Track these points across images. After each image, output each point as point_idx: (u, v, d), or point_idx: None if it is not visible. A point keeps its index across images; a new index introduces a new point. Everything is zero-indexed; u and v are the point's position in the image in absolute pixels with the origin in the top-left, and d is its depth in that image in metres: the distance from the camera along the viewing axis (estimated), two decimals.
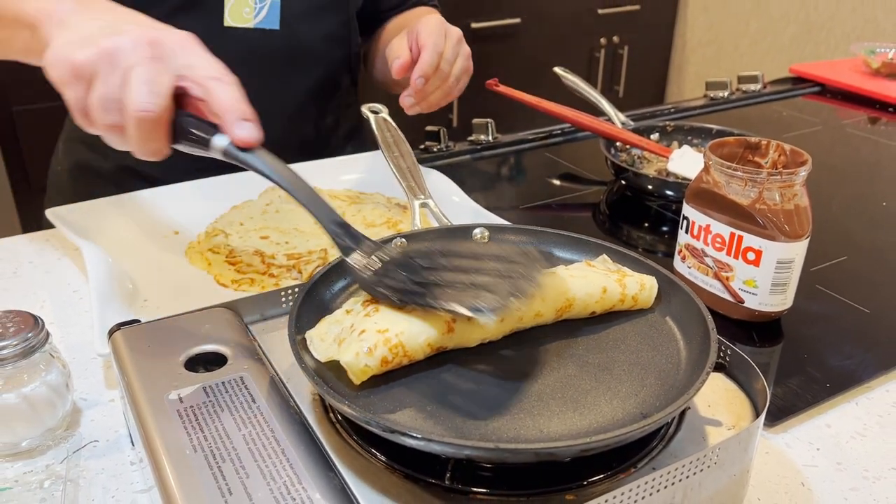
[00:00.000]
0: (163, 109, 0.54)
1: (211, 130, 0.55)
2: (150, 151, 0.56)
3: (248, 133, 0.54)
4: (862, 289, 0.76)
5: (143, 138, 0.54)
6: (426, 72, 0.83)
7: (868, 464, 0.55)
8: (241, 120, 0.54)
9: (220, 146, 0.55)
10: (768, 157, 0.71)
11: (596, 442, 0.40)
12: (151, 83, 0.53)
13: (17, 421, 0.53)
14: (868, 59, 1.43)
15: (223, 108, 0.54)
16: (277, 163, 0.56)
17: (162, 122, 0.54)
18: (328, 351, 0.48)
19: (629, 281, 0.56)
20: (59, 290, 0.75)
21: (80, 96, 0.55)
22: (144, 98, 0.53)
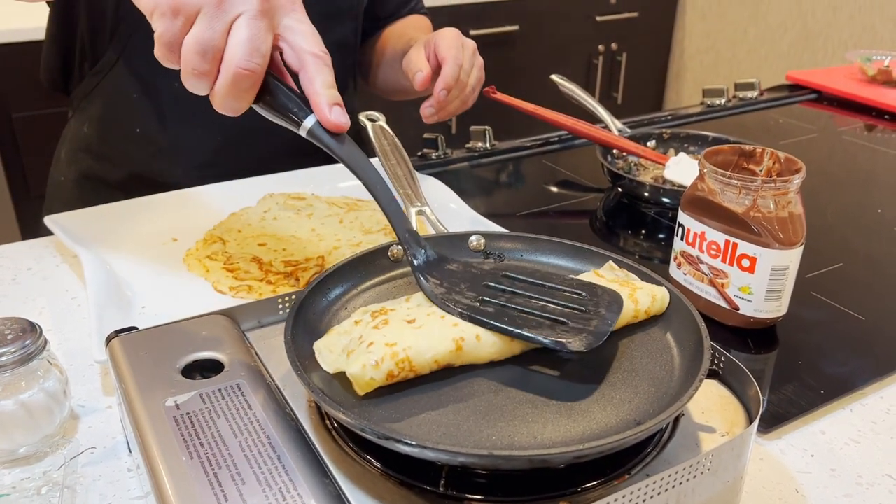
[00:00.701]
0: (263, 69, 0.52)
1: (305, 110, 0.54)
2: (231, 108, 0.54)
3: (338, 118, 0.53)
4: (857, 296, 0.76)
5: (232, 94, 0.52)
6: (449, 84, 0.86)
7: (862, 470, 0.55)
8: (333, 104, 0.53)
9: (308, 126, 0.54)
10: (763, 165, 0.71)
11: (589, 449, 0.40)
12: (257, 40, 0.51)
13: (15, 428, 0.53)
14: (864, 66, 1.44)
15: (317, 89, 0.53)
16: (360, 155, 0.55)
17: (258, 83, 0.53)
18: (336, 362, 0.48)
19: (641, 295, 0.55)
20: (57, 297, 0.75)
21: (175, 31, 0.52)
22: (248, 56, 0.51)
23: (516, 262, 0.63)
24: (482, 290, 0.53)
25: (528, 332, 0.48)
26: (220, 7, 0.51)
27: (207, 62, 0.52)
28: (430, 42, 0.89)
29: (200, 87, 0.53)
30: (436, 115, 0.88)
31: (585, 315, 0.50)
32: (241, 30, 0.51)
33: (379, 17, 1.11)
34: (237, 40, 0.51)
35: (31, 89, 1.81)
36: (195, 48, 0.51)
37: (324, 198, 0.93)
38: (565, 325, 0.49)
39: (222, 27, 0.51)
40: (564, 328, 0.49)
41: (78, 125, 1.02)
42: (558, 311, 0.51)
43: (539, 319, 0.50)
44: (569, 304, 0.52)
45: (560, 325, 0.49)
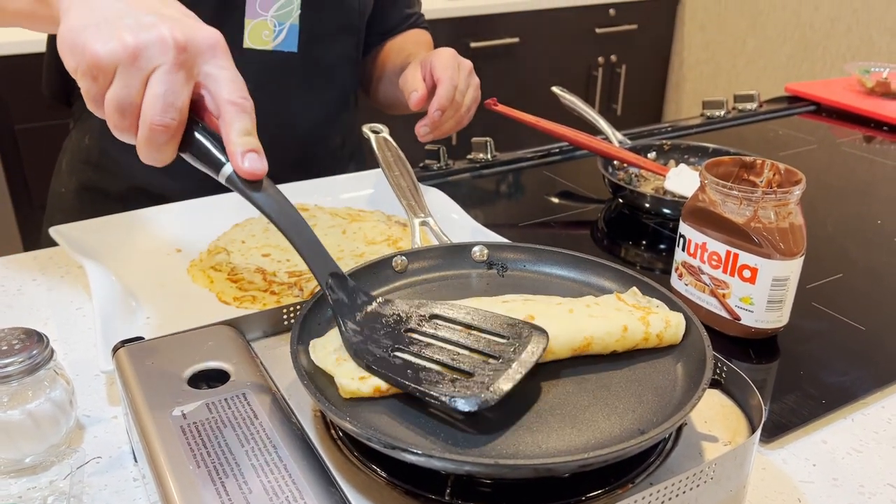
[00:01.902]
0: (179, 123, 0.52)
1: (223, 157, 0.54)
2: (155, 160, 0.54)
3: (252, 166, 0.53)
4: (857, 306, 0.77)
5: (152, 148, 0.53)
6: (443, 104, 0.86)
7: (864, 480, 0.55)
8: (247, 152, 0.53)
9: (226, 173, 0.54)
10: (763, 176, 0.72)
11: (594, 457, 0.40)
12: (171, 95, 0.51)
13: (22, 437, 0.54)
14: (862, 78, 1.45)
15: (232, 137, 0.53)
16: (280, 200, 0.55)
17: (177, 135, 0.53)
18: (325, 360, 0.49)
19: (653, 319, 0.54)
20: (62, 308, 0.76)
21: (97, 89, 0.53)
22: (162, 111, 0.51)
23: (513, 279, 0.62)
24: (400, 336, 0.52)
25: (425, 389, 0.46)
26: (135, 64, 0.51)
27: (126, 118, 0.53)
28: (427, 61, 0.90)
29: (127, 140, 0.54)
30: (430, 134, 0.89)
31: (497, 365, 0.48)
32: (154, 86, 0.51)
33: (380, 31, 1.12)
34: (151, 96, 0.51)
35: (33, 101, 1.82)
36: (113, 105, 0.52)
37: (327, 209, 0.93)
38: (469, 379, 0.47)
39: (138, 84, 0.51)
40: (464, 383, 0.46)
41: (79, 137, 1.03)
42: (468, 362, 0.48)
43: (442, 373, 0.48)
44: (486, 350, 0.49)
45: (462, 380, 0.47)
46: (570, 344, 0.52)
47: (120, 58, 0.51)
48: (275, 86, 0.96)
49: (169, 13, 0.54)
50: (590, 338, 0.52)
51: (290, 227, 0.55)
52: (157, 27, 0.51)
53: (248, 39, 0.93)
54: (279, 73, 0.96)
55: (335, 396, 0.48)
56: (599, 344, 0.52)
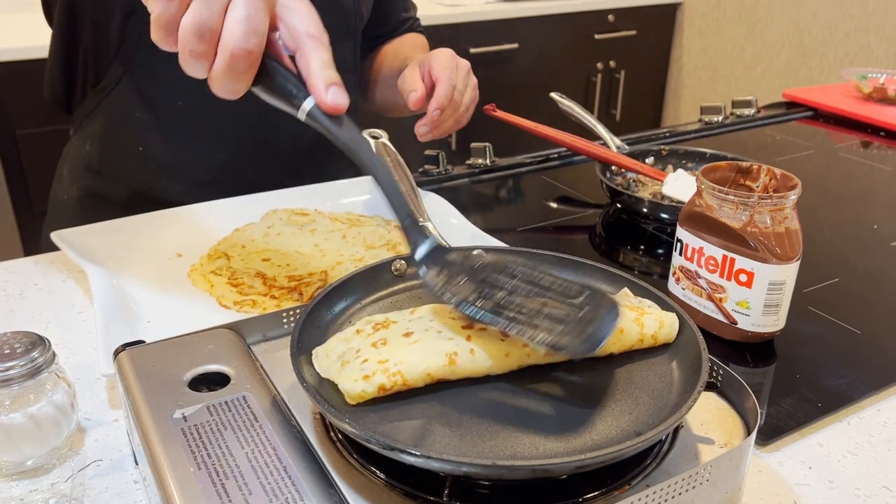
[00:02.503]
0: (260, 49, 0.51)
1: (303, 92, 0.53)
2: (229, 90, 0.53)
3: (335, 99, 0.52)
4: (854, 310, 0.77)
5: (229, 76, 0.52)
6: (442, 104, 0.87)
7: (859, 482, 0.56)
8: (330, 84, 0.52)
9: (307, 109, 0.53)
10: (759, 181, 0.73)
11: (590, 459, 0.41)
12: (254, 20, 0.50)
13: (24, 440, 0.54)
14: (860, 84, 1.46)
15: (313, 69, 0.52)
16: (359, 139, 0.54)
17: (256, 63, 0.52)
18: (330, 369, 0.49)
19: (647, 319, 0.54)
20: (63, 312, 0.76)
21: (172, 12, 0.50)
22: (245, 36, 0.50)
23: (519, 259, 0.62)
24: (480, 284, 0.52)
25: (526, 333, 0.47)
26: None
27: (204, 43, 0.51)
28: (425, 62, 0.91)
29: (198, 70, 0.53)
30: (430, 133, 0.90)
31: (583, 318, 0.48)
32: (237, 10, 0.50)
33: (376, 35, 1.13)
34: (234, 20, 0.50)
35: (35, 107, 1.83)
36: (192, 29, 0.50)
37: (327, 214, 0.94)
38: (562, 328, 0.48)
39: (219, 7, 0.50)
40: (561, 330, 0.47)
41: (80, 143, 1.03)
42: (556, 314, 0.49)
43: (536, 320, 0.48)
44: (567, 303, 0.50)
45: (557, 327, 0.48)
46: None
47: None
48: None
49: None
50: None
51: (371, 165, 0.54)
52: None
53: None
54: None
55: (334, 398, 0.49)
56: None
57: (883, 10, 2.34)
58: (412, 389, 0.50)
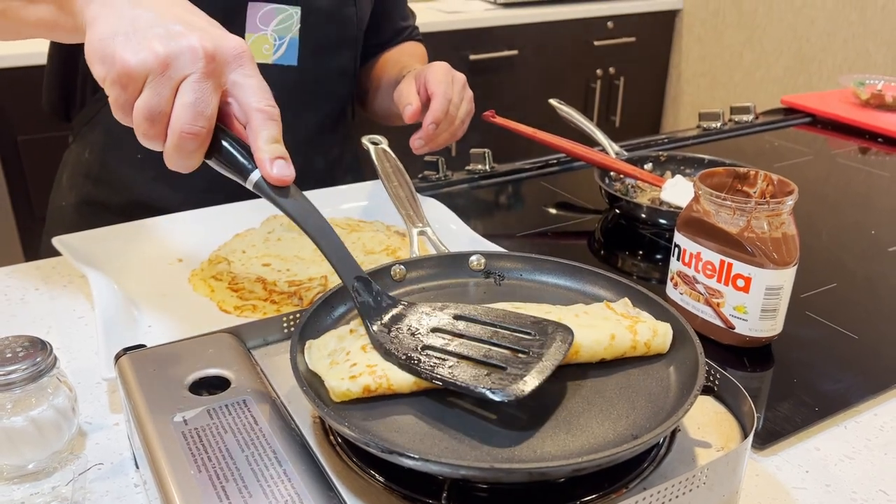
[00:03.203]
0: (207, 131, 0.54)
1: (250, 164, 0.55)
2: (183, 166, 0.55)
3: (280, 172, 0.54)
4: (851, 315, 0.78)
5: (180, 154, 0.54)
6: (437, 118, 0.88)
7: (856, 486, 0.56)
8: (275, 158, 0.54)
9: (253, 179, 0.55)
10: (757, 187, 0.73)
11: (587, 462, 0.41)
12: (200, 104, 0.52)
13: (25, 443, 0.54)
14: (857, 90, 1.46)
15: (260, 144, 0.54)
16: (306, 206, 0.56)
17: (205, 143, 0.54)
18: (318, 364, 0.50)
19: (641, 327, 0.55)
20: (64, 317, 0.77)
21: (126, 98, 0.53)
22: (192, 120, 0.52)
23: (507, 288, 0.63)
24: (428, 335, 0.53)
25: (462, 383, 0.47)
26: (165, 73, 0.52)
27: (155, 126, 0.53)
28: (421, 75, 0.91)
29: (154, 146, 0.55)
30: (425, 146, 0.90)
31: (527, 359, 0.49)
32: (185, 94, 0.52)
33: (375, 44, 1.14)
34: (182, 104, 0.52)
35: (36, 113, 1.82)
36: (143, 114, 0.53)
37: (327, 219, 0.94)
38: (502, 372, 0.48)
39: (168, 93, 0.52)
40: (499, 376, 0.48)
41: (79, 151, 1.04)
42: (499, 357, 0.50)
43: (475, 367, 0.49)
44: (514, 346, 0.51)
45: (496, 373, 0.48)
46: None
47: (151, 67, 0.52)
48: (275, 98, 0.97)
49: (196, 22, 0.55)
50: (577, 345, 0.53)
51: (317, 231, 0.56)
52: (187, 36, 0.53)
53: None
54: (279, 86, 0.97)
55: (333, 403, 0.49)
56: (588, 352, 0.53)
57: (881, 17, 2.35)
58: (411, 395, 0.50)
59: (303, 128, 1.03)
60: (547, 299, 0.61)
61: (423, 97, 0.90)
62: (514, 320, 0.54)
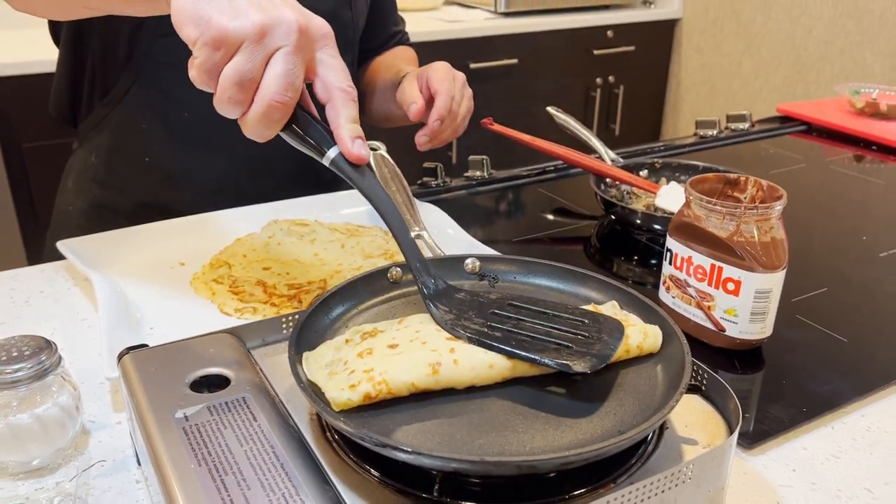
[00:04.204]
0: (294, 101, 0.55)
1: (329, 141, 0.57)
2: (260, 135, 0.56)
3: (360, 151, 0.57)
4: (840, 319, 0.79)
5: (262, 123, 0.55)
6: (442, 114, 0.91)
7: (841, 484, 0.57)
8: (356, 137, 0.57)
9: (332, 156, 0.57)
10: (747, 193, 0.74)
11: (574, 455, 0.43)
12: (291, 75, 0.54)
13: (30, 440, 0.56)
14: (852, 99, 1.48)
15: (342, 122, 0.57)
16: (378, 187, 0.59)
17: (288, 113, 0.56)
18: (317, 374, 0.51)
19: (632, 331, 0.56)
20: (69, 318, 0.78)
21: (216, 60, 0.54)
22: (282, 89, 0.54)
23: (520, 287, 0.66)
24: (489, 317, 0.56)
25: (536, 356, 0.51)
26: (261, 42, 0.53)
27: (243, 92, 0.54)
28: (423, 75, 0.94)
29: (232, 113, 0.56)
30: (429, 143, 0.93)
31: (588, 340, 0.53)
32: (277, 64, 0.54)
33: (368, 48, 1.17)
34: (274, 74, 0.54)
35: (40, 120, 1.85)
36: (234, 78, 0.54)
37: (326, 224, 0.96)
38: (569, 349, 0.52)
39: (261, 60, 0.54)
40: (569, 351, 0.51)
41: (85, 156, 1.06)
42: (563, 336, 0.53)
43: (544, 344, 0.53)
44: (572, 329, 0.54)
45: (565, 349, 0.52)
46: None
47: (248, 33, 0.53)
48: None
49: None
50: None
51: (388, 212, 0.59)
52: (282, 9, 0.54)
53: None
54: None
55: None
56: None
57: (878, 27, 2.37)
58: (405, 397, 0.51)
59: None
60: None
61: (426, 95, 0.93)
62: (566, 309, 0.57)
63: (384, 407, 0.50)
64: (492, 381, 0.52)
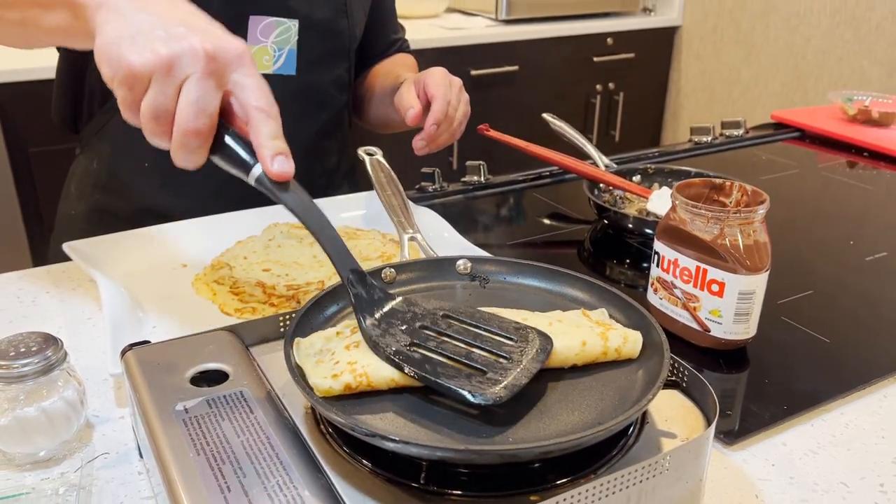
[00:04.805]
0: (210, 128, 0.56)
1: (252, 159, 0.58)
2: (188, 162, 0.58)
3: (281, 168, 0.57)
4: (824, 320, 0.81)
5: (185, 151, 0.57)
6: (438, 119, 0.93)
7: (818, 478, 0.59)
8: (276, 154, 0.57)
9: (255, 174, 0.58)
10: (732, 197, 0.77)
11: (553, 444, 0.45)
12: (202, 101, 0.55)
13: (36, 433, 0.58)
14: (845, 106, 1.50)
15: (261, 140, 0.57)
16: (306, 200, 0.58)
17: (208, 139, 0.57)
18: (305, 361, 0.54)
19: (612, 334, 0.58)
20: (73, 318, 0.81)
21: (133, 98, 0.56)
22: (194, 117, 0.55)
23: (509, 287, 0.67)
24: (416, 332, 0.56)
25: (444, 382, 0.51)
26: (170, 74, 0.55)
27: (161, 124, 0.56)
28: (420, 80, 0.96)
29: (161, 144, 0.58)
30: (426, 147, 0.95)
31: (507, 365, 0.52)
32: (188, 93, 0.55)
33: (368, 56, 1.20)
34: (185, 103, 0.55)
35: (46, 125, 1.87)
36: (149, 113, 0.56)
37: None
38: (483, 374, 0.51)
39: (172, 92, 0.55)
40: (479, 380, 0.51)
41: (87, 161, 1.08)
42: (482, 360, 0.53)
43: (458, 368, 0.52)
44: (496, 350, 0.54)
45: (478, 375, 0.51)
46: None
47: (155, 68, 0.55)
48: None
49: (197, 24, 0.58)
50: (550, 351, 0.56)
51: (316, 225, 0.59)
52: (188, 38, 0.55)
53: None
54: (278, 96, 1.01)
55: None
56: (559, 357, 0.56)
57: (875, 36, 2.39)
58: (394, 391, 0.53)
59: (302, 135, 1.07)
60: (528, 301, 0.65)
61: (423, 101, 0.95)
62: (498, 324, 0.57)
63: (373, 402, 0.53)
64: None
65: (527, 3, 2.68)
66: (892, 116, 1.45)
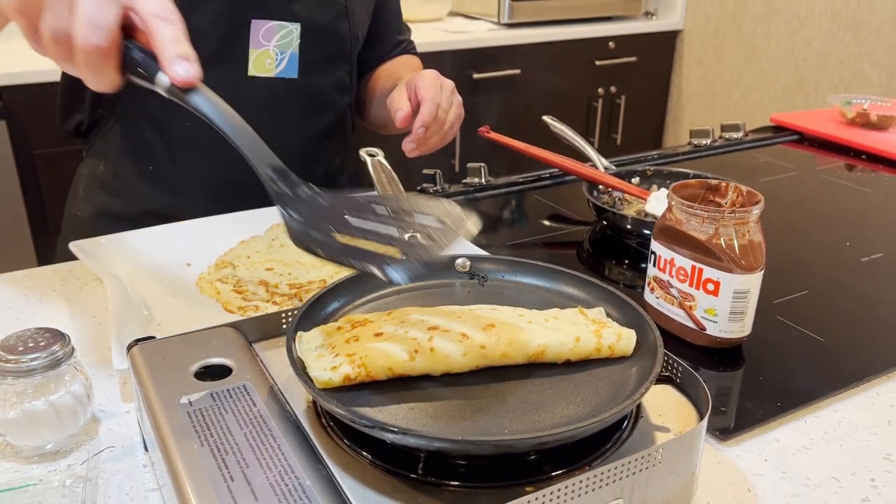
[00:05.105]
0: (110, 43, 0.54)
1: (155, 67, 0.55)
2: (100, 83, 0.56)
3: (184, 71, 0.54)
4: (819, 320, 0.82)
5: (92, 70, 0.55)
6: (426, 121, 0.93)
7: (810, 473, 0.60)
8: (178, 58, 0.54)
9: (163, 84, 0.55)
10: (727, 198, 0.78)
11: (548, 436, 0.46)
12: (97, 16, 0.53)
13: (44, 426, 0.59)
14: (844, 109, 1.51)
15: (161, 46, 0.54)
16: (216, 102, 0.56)
17: (111, 55, 0.54)
18: (306, 354, 0.55)
19: (606, 332, 0.59)
20: (80, 315, 0.82)
21: (29, 24, 0.55)
22: (90, 33, 0.53)
23: (507, 284, 0.68)
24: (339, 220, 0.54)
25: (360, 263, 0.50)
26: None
27: (61, 46, 0.54)
28: (411, 82, 0.97)
29: (70, 70, 0.56)
30: (416, 150, 0.95)
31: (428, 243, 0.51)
32: (81, 10, 0.53)
33: (373, 57, 1.21)
34: (79, 20, 0.53)
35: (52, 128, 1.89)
36: (49, 36, 0.54)
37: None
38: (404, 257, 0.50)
39: (65, 12, 0.53)
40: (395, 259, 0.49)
41: (94, 163, 1.10)
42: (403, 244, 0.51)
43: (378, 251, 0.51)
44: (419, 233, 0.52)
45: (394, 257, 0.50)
46: (524, 350, 0.57)
47: None
48: (277, 110, 1.04)
49: None
50: (543, 346, 0.57)
51: (228, 124, 0.56)
52: None
53: (252, 68, 1.00)
54: (281, 99, 1.04)
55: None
56: (553, 352, 0.57)
57: (875, 39, 2.40)
58: (396, 381, 0.55)
59: (305, 137, 1.09)
60: (527, 299, 0.66)
61: (414, 103, 0.95)
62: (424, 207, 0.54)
63: (373, 395, 0.54)
64: (466, 369, 0.56)
65: (529, 7, 2.70)
66: (891, 120, 1.47)
